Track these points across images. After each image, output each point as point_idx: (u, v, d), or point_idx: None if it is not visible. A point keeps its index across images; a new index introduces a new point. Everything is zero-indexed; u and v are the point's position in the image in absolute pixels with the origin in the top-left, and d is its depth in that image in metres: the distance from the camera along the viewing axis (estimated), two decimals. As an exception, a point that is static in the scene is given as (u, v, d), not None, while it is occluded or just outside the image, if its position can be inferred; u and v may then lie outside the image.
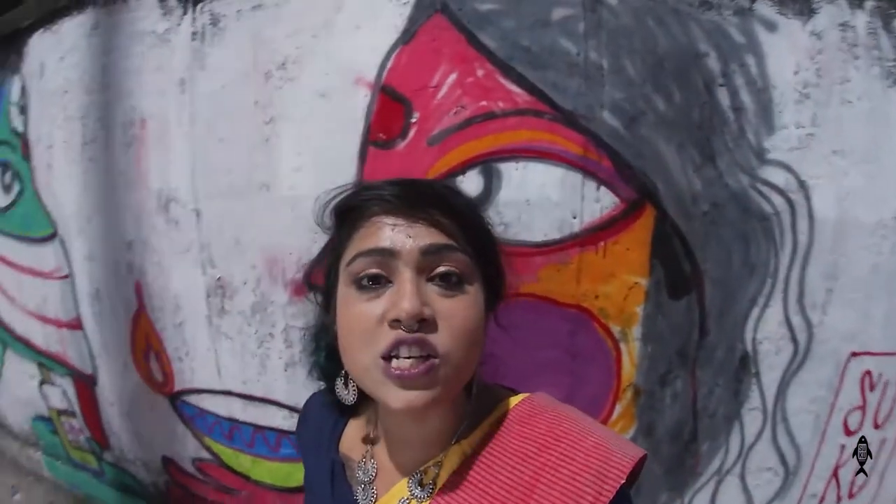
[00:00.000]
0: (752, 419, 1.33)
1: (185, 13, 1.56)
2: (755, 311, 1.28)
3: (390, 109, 1.27)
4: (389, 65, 1.27)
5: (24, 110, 2.14)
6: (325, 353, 0.58)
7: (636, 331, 1.29)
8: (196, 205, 1.57)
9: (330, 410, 0.62)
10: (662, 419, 1.34)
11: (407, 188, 0.50)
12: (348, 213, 0.51)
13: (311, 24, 1.34)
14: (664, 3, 1.19)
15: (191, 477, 1.91)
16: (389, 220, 0.47)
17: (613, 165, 1.22)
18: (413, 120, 1.26)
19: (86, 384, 2.15)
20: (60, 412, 2.41)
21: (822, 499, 1.39)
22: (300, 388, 1.50)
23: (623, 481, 0.45)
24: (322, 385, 0.62)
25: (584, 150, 1.22)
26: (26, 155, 2.13)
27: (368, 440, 0.58)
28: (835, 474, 1.39)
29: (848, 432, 1.36)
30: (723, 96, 1.21)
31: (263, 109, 1.41)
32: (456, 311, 0.46)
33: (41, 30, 2.04)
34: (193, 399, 1.76)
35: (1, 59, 2.28)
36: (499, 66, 1.22)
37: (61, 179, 1.97)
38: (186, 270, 1.62)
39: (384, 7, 1.28)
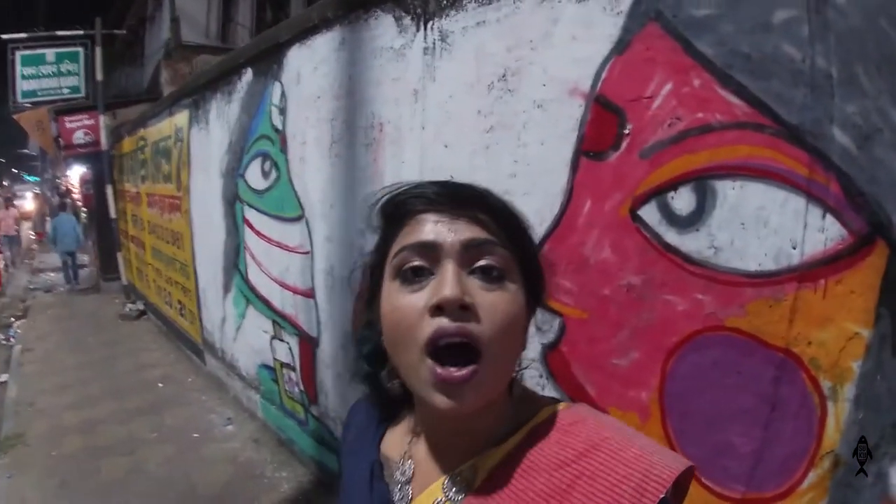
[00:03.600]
0: (978, 538, 1.08)
1: (417, 31, 1.98)
2: None
3: (603, 120, 1.45)
4: (604, 75, 1.44)
5: (283, 111, 2.90)
6: (369, 355, 0.63)
7: (849, 390, 1.17)
8: (423, 201, 2.01)
9: (373, 415, 0.69)
10: (858, 500, 1.18)
11: (449, 187, 0.56)
12: (393, 212, 0.57)
13: (530, 37, 1.60)
14: (900, 0, 1.04)
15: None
16: (432, 216, 0.54)
17: (843, 191, 1.12)
18: (626, 131, 1.40)
19: (309, 345, 2.85)
20: (283, 364, 3.21)
21: None
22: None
23: (663, 495, 0.47)
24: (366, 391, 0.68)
25: (809, 170, 1.16)
26: (283, 148, 2.90)
27: (409, 441, 0.63)
28: None
29: None
30: None
31: (485, 118, 1.73)
32: (497, 305, 0.51)
33: (297, 44, 2.74)
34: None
35: (264, 68, 3.12)
36: (716, 76, 1.26)
37: (311, 171, 2.64)
38: (408, 259, 2.08)
39: (599, 18, 1.45)
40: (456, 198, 0.54)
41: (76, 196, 11.30)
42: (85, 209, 11.06)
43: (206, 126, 3.99)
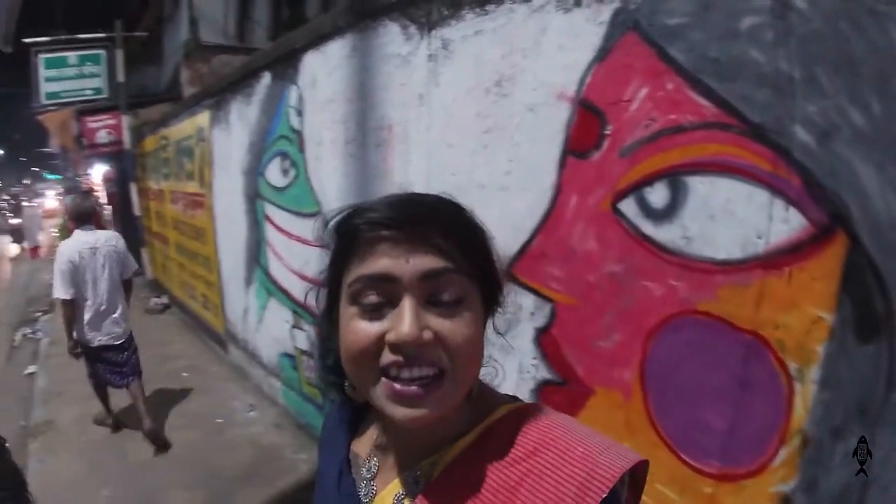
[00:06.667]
0: (935, 508, 1.18)
1: (422, 39, 2.16)
2: (962, 374, 1.13)
3: (587, 122, 1.61)
4: (587, 80, 1.60)
5: (300, 113, 3.10)
6: (333, 367, 0.65)
7: (814, 371, 1.25)
8: (429, 198, 2.20)
9: (347, 415, 0.73)
10: (828, 478, 1.28)
11: (404, 210, 0.54)
12: (347, 234, 0.57)
13: (522, 46, 1.77)
14: (860, 4, 1.16)
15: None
16: (388, 245, 0.53)
17: (804, 184, 1.22)
18: (607, 132, 1.56)
19: (326, 332, 3.08)
20: (303, 352, 3.43)
21: None
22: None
23: (605, 495, 0.49)
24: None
25: (772, 166, 1.26)
26: (301, 148, 3.10)
27: (375, 440, 0.66)
28: None
29: None
30: (934, 106, 1.11)
31: (483, 120, 1.91)
32: (455, 332, 0.52)
33: (312, 50, 2.93)
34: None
35: (281, 72, 3.32)
36: (687, 79, 1.40)
37: (327, 170, 2.84)
38: (416, 250, 2.27)
39: (583, 27, 1.60)
40: (411, 221, 0.54)
41: (99, 194, 11.63)
42: (109, 207, 11.40)
43: (227, 126, 4.21)
